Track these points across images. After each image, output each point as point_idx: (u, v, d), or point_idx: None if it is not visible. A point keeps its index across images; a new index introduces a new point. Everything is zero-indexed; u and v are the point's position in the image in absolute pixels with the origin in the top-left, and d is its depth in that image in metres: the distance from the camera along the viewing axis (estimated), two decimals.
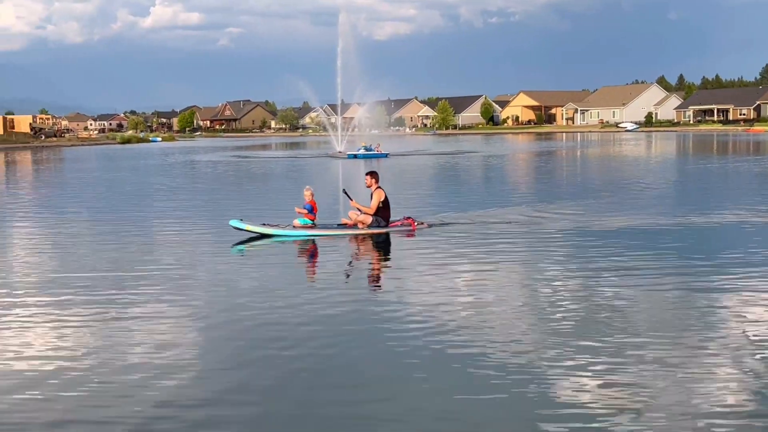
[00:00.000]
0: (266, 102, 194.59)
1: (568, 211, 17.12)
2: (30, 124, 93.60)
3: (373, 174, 14.50)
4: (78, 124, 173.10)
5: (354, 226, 14.03)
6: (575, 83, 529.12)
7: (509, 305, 8.61)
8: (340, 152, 51.16)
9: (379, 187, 14.18)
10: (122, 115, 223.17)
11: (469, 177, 32.33)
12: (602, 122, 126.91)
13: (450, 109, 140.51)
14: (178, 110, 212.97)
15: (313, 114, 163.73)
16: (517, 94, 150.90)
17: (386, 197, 14.17)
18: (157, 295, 9.43)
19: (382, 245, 13.36)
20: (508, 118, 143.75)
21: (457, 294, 9.28)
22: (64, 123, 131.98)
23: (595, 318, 7.98)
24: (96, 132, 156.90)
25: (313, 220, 14.09)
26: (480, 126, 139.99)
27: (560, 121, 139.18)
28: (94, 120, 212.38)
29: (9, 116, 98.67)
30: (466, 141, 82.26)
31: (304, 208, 14.11)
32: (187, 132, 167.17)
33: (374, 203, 14.06)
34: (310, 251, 13.01)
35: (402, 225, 14.19)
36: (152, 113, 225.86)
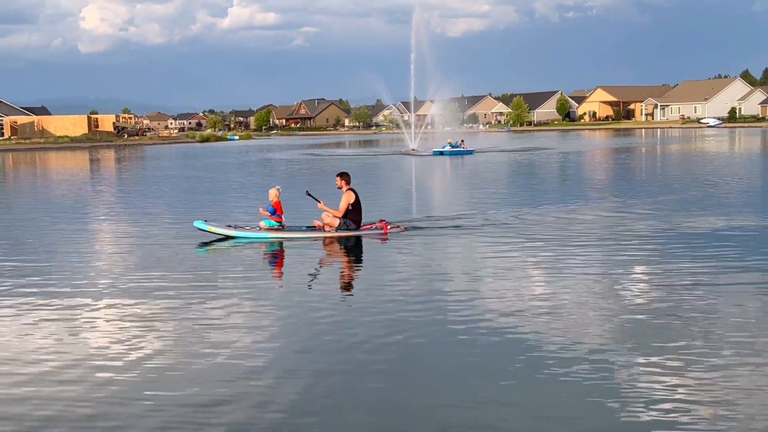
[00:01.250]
0: (340, 100, 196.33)
1: (649, 210, 16.63)
2: (113, 123, 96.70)
3: (343, 175, 13.95)
4: (159, 123, 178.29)
5: (323, 228, 13.57)
6: (655, 78, 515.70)
7: (584, 305, 8.32)
8: (413, 150, 51.00)
9: (350, 189, 13.73)
10: (201, 114, 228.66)
11: (551, 174, 31.73)
12: (683, 118, 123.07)
13: (525, 106, 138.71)
14: (254, 109, 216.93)
15: (386, 112, 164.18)
16: (594, 90, 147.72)
17: (357, 199, 13.66)
18: (224, 292, 9.50)
19: (353, 249, 12.77)
20: (584, 114, 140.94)
21: (524, 297, 9.03)
22: (146, 122, 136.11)
23: (675, 318, 7.63)
24: (176, 131, 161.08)
25: (279, 222, 13.66)
26: (555, 122, 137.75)
27: (639, 117, 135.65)
28: (174, 119, 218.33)
29: (94, 116, 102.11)
30: (542, 137, 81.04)
31: (267, 210, 13.68)
32: (263, 130, 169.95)
33: (342, 205, 13.57)
34: (275, 255, 12.59)
35: (375, 228, 13.61)
36: (230, 112, 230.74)
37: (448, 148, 45.41)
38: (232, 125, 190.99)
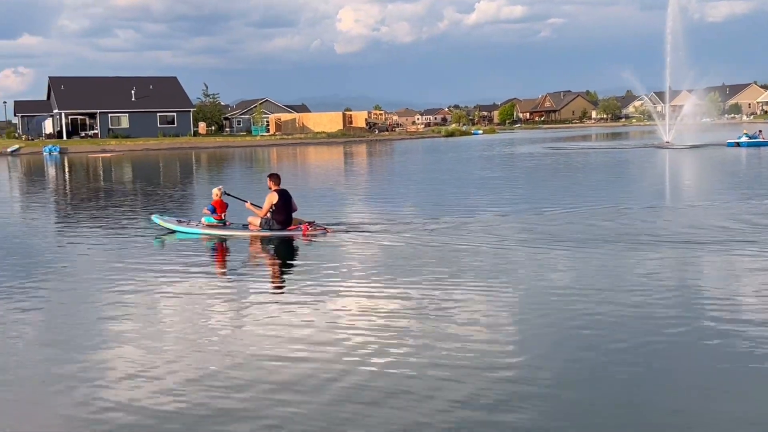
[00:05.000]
0: (587, 92, 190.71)
1: None
2: (365, 119, 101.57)
3: (272, 176, 14.52)
4: (407, 119, 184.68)
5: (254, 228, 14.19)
6: None
7: None
8: (667, 142, 48.38)
9: (276, 190, 14.07)
10: (446, 109, 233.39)
11: None
12: None
13: None
14: (498, 103, 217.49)
15: (637, 103, 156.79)
16: None
17: (282, 201, 13.96)
18: (455, 280, 9.61)
19: (280, 247, 13.21)
20: None
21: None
22: (395, 118, 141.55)
23: None
24: (422, 126, 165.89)
25: (219, 220, 14.55)
26: None
27: None
28: (421, 114, 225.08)
29: (348, 112, 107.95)
30: None
31: (208, 209, 14.66)
32: (506, 124, 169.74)
33: (265, 206, 14.08)
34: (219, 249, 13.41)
35: (296, 229, 13.95)
36: (474, 107, 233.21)
37: (744, 139, 42.29)
38: (476, 119, 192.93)
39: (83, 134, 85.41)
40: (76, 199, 25.44)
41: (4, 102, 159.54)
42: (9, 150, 70.40)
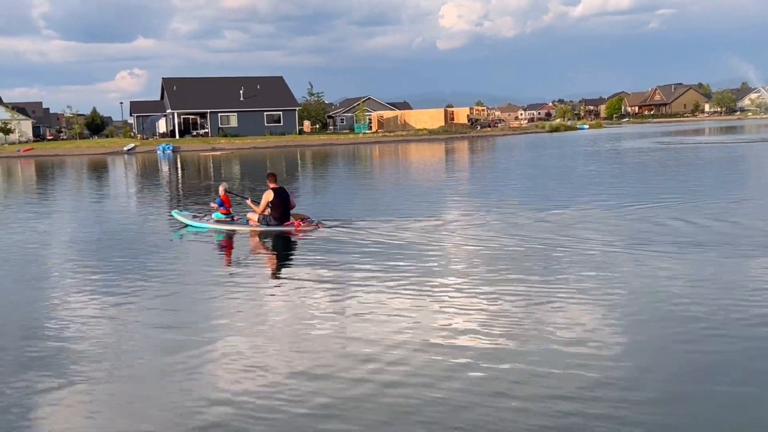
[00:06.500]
0: (699, 84, 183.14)
1: None
2: (467, 115, 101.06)
3: (269, 175, 15.34)
4: (509, 114, 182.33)
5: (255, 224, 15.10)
6: None
7: None
8: None
9: (273, 189, 14.88)
10: (550, 104, 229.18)
11: None
12: None
13: None
14: (605, 97, 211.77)
15: (753, 95, 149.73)
16: None
17: (278, 198, 14.81)
18: (572, 275, 9.48)
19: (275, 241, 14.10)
20: None
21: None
22: (497, 113, 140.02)
23: None
24: (525, 121, 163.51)
25: (226, 214, 15.69)
26: None
27: None
28: (524, 110, 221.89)
29: (450, 109, 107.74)
30: None
31: (216, 202, 15.90)
32: (614, 119, 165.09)
33: (262, 203, 14.95)
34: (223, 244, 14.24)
35: (290, 225, 14.67)
36: (579, 101, 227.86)
37: None
38: (581, 114, 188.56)
39: (194, 133, 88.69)
40: (189, 195, 26.48)
41: (121, 102, 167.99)
42: (125, 148, 73.98)
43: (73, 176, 42.07)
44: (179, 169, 44.57)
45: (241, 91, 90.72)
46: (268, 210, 15.00)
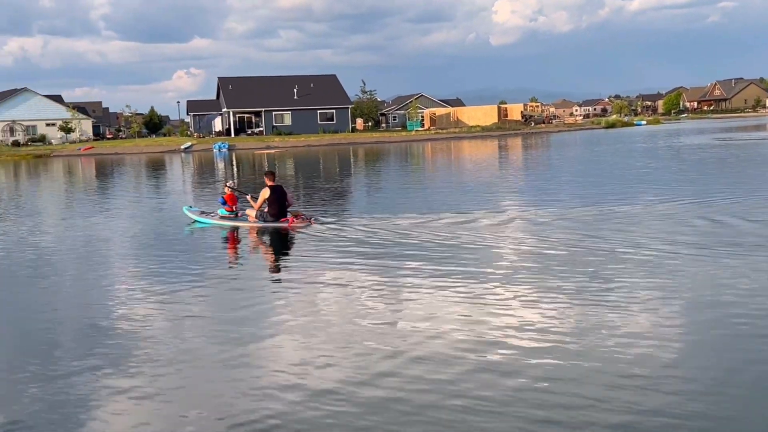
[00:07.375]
0: (760, 79, 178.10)
1: None
2: (521, 112, 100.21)
3: (267, 173, 15.99)
4: (564, 111, 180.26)
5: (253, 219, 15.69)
6: None
7: None
8: None
9: (270, 186, 15.46)
10: (606, 100, 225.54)
11: None
12: None
13: None
14: (663, 92, 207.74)
15: None
16: None
17: (274, 195, 15.36)
18: (630, 277, 9.38)
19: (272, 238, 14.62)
20: None
21: None
22: (551, 109, 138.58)
23: None
24: (580, 117, 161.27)
25: (230, 211, 16.34)
26: None
27: None
28: (579, 106, 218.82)
29: (503, 105, 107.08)
30: None
31: (219, 201, 16.79)
32: (672, 114, 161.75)
33: (259, 200, 15.59)
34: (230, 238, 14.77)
35: (285, 221, 15.18)
36: (636, 97, 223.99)
37: None
38: (638, 110, 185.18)
39: (249, 131, 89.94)
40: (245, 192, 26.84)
41: (178, 102, 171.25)
42: (182, 147, 75.42)
43: (132, 174, 43.09)
44: (235, 167, 45.25)
45: (295, 90, 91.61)
46: (264, 207, 15.62)
